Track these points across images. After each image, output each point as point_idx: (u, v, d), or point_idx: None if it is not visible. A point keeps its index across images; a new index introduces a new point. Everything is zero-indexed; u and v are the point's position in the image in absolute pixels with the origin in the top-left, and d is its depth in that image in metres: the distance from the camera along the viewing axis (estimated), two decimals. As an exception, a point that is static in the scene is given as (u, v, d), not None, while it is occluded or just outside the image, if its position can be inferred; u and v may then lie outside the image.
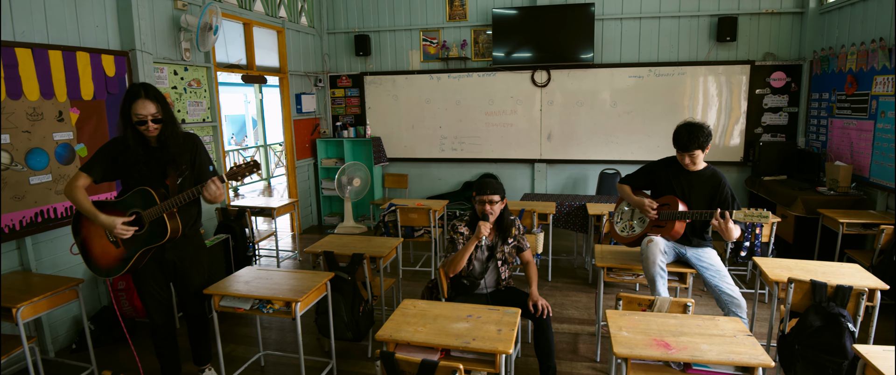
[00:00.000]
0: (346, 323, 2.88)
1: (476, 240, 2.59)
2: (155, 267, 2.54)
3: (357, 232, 6.10)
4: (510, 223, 2.80)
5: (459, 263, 2.63)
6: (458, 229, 2.75)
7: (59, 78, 3.29)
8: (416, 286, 4.35)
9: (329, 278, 2.72)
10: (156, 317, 2.60)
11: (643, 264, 2.75)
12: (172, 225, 2.40)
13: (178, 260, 2.56)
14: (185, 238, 2.50)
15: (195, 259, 2.62)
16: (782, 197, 4.76)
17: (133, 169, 2.39)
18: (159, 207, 2.36)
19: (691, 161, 2.77)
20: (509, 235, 2.78)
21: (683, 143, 2.74)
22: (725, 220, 2.61)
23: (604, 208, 4.21)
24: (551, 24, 5.77)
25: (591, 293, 4.13)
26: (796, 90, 5.58)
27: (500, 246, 2.77)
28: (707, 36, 5.69)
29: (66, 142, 3.34)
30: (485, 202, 2.65)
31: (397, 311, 2.24)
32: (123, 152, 2.39)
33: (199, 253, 2.66)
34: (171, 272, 2.58)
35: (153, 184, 2.41)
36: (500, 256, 2.77)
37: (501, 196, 2.69)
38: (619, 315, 2.19)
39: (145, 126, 2.33)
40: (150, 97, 2.34)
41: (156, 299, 2.58)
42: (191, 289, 2.61)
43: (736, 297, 2.70)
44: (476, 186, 2.70)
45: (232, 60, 5.10)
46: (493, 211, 2.65)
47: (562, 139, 6.12)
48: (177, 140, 2.42)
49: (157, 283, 2.57)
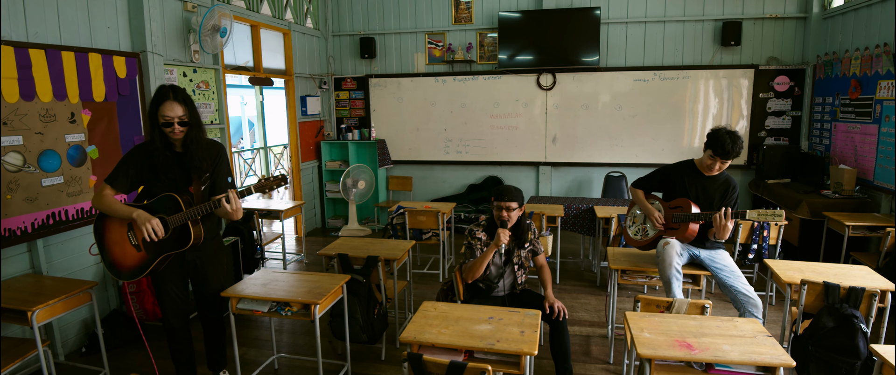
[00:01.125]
0: (361, 326, 2.88)
1: (495, 248, 2.61)
2: (175, 268, 2.53)
3: (361, 234, 6.10)
4: (526, 227, 2.82)
5: (478, 270, 2.64)
6: (475, 235, 2.77)
7: (72, 79, 3.28)
8: (425, 288, 4.35)
9: (346, 281, 2.72)
10: (173, 320, 2.59)
11: (659, 266, 2.76)
12: (196, 232, 2.39)
13: (199, 261, 2.56)
14: (206, 240, 2.50)
15: (216, 260, 2.62)
16: (787, 200, 4.79)
17: (158, 173, 2.39)
18: (184, 214, 2.35)
19: (720, 168, 2.78)
20: (526, 240, 2.80)
21: (726, 150, 2.71)
22: (726, 219, 2.62)
23: (612, 211, 4.23)
24: (557, 27, 5.80)
25: (600, 295, 4.14)
26: (799, 94, 5.63)
27: (516, 251, 2.79)
28: (711, 40, 5.73)
29: (77, 144, 3.34)
30: (502, 208, 2.66)
31: (418, 313, 2.25)
32: (148, 157, 2.39)
33: (219, 254, 2.65)
34: (191, 273, 2.58)
35: (177, 189, 2.40)
36: (516, 261, 2.79)
37: (519, 203, 2.70)
38: (639, 317, 2.20)
39: (171, 128, 2.33)
40: (179, 99, 2.34)
41: (174, 301, 2.57)
42: (210, 291, 2.60)
43: (752, 297, 2.72)
44: (495, 192, 2.72)
45: (239, 62, 5.10)
46: (510, 217, 2.67)
47: (566, 142, 6.14)
48: (200, 145, 2.41)
49: (176, 285, 2.56)
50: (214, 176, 2.51)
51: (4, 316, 2.64)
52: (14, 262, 3.05)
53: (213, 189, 2.50)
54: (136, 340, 3.49)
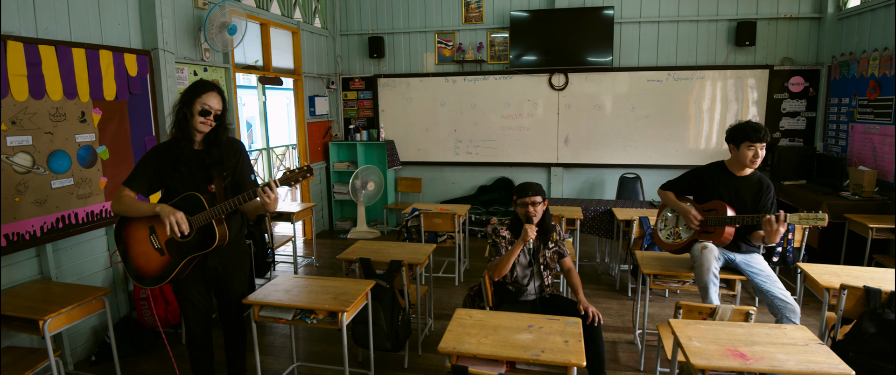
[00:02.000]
0: (385, 333, 2.78)
1: (523, 243, 2.55)
2: (197, 274, 2.43)
3: (370, 236, 6.00)
4: (551, 227, 2.77)
5: (505, 267, 2.59)
6: (499, 233, 2.71)
7: (82, 77, 3.17)
8: (441, 293, 4.26)
9: (371, 286, 2.62)
10: (195, 327, 2.49)
11: (696, 271, 2.68)
12: (220, 231, 2.30)
13: (221, 267, 2.45)
14: (230, 245, 2.40)
15: (238, 266, 2.52)
16: (805, 202, 4.72)
17: (180, 169, 2.31)
18: (208, 213, 2.26)
19: (757, 154, 2.69)
20: (550, 240, 2.74)
21: (753, 135, 2.66)
22: (779, 223, 2.55)
23: (632, 213, 4.15)
24: (569, 27, 5.73)
25: (621, 299, 4.06)
26: (814, 95, 5.57)
27: (542, 250, 2.72)
28: (725, 40, 5.67)
29: (88, 144, 3.22)
30: (528, 204, 2.62)
31: (453, 322, 2.15)
32: (167, 155, 2.32)
33: (242, 259, 2.55)
34: (213, 279, 2.48)
35: (197, 187, 2.32)
36: (542, 261, 2.72)
37: (543, 197, 2.66)
38: (684, 325, 2.12)
39: (207, 118, 2.28)
40: (220, 94, 2.32)
41: (196, 307, 2.47)
42: (231, 297, 2.50)
43: (789, 302, 2.64)
44: (517, 190, 2.67)
45: (249, 61, 4.99)
46: (536, 212, 2.62)
47: (579, 143, 6.07)
48: (223, 143, 2.34)
49: (198, 291, 2.46)
50: (237, 174, 2.43)
51: (13, 325, 2.53)
52: (22, 267, 2.93)
53: (235, 187, 2.43)
54: (147, 348, 3.39)
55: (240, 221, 2.51)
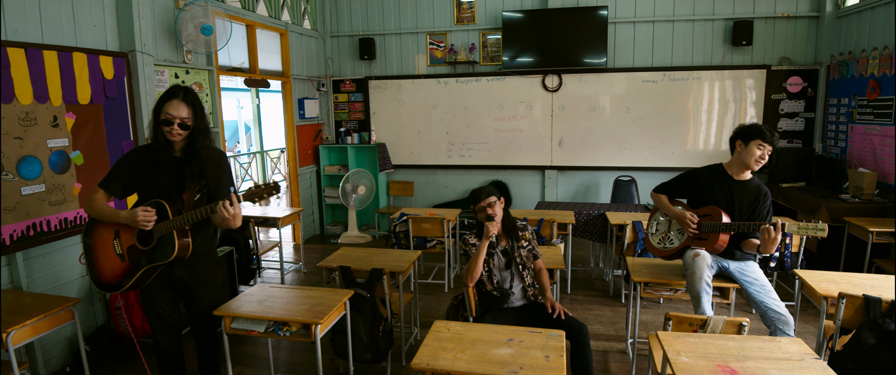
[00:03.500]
0: (365, 345, 2.68)
1: (487, 240, 2.57)
2: (163, 284, 2.33)
3: (361, 241, 5.89)
4: (521, 226, 2.77)
5: (476, 268, 2.58)
6: (469, 241, 2.72)
7: (54, 80, 3.07)
8: (430, 300, 4.15)
9: (349, 296, 2.51)
10: (161, 340, 2.38)
11: (688, 279, 2.57)
12: (181, 243, 2.19)
13: (188, 277, 2.34)
14: (196, 255, 2.30)
15: (207, 277, 2.40)
16: (804, 205, 4.61)
17: (152, 175, 2.22)
18: (170, 223, 2.16)
19: (764, 155, 2.60)
20: (523, 238, 2.73)
21: (766, 134, 2.59)
22: (776, 233, 2.44)
23: (626, 217, 4.04)
24: (562, 27, 5.62)
25: (614, 306, 3.95)
26: (813, 95, 5.46)
27: (517, 249, 2.68)
28: (722, 40, 5.56)
29: (61, 150, 3.12)
30: (484, 207, 2.64)
31: (430, 335, 2.05)
32: (146, 159, 2.23)
33: (211, 270, 2.44)
34: (180, 290, 2.37)
35: (169, 196, 2.22)
36: (519, 261, 2.68)
37: (497, 196, 2.69)
38: (672, 338, 2.01)
39: (170, 128, 2.16)
40: (187, 101, 2.19)
41: (162, 319, 2.37)
42: (201, 309, 2.39)
43: (783, 314, 2.53)
44: (471, 199, 2.74)
45: (234, 63, 4.90)
46: (495, 212, 2.64)
47: (573, 145, 5.96)
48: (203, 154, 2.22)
49: (165, 302, 2.36)
50: (213, 186, 2.31)
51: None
52: (-9, 277, 2.83)
53: (210, 199, 2.30)
54: (124, 358, 3.28)
55: (210, 232, 2.41)
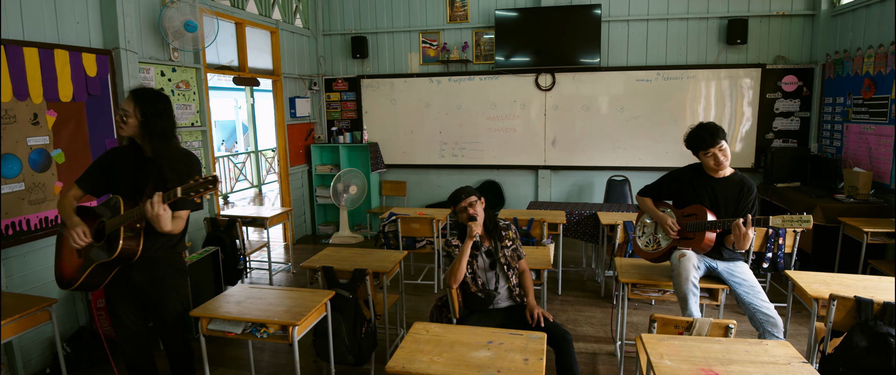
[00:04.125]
0: (347, 346, 2.63)
1: (470, 240, 2.52)
2: (124, 290, 2.25)
3: (353, 242, 5.85)
4: (505, 226, 2.72)
5: (459, 270, 2.53)
6: (451, 243, 2.67)
7: (35, 77, 3.03)
8: (419, 301, 4.10)
9: (329, 297, 2.47)
10: (127, 348, 2.31)
11: (674, 281, 2.52)
12: (126, 245, 2.08)
13: (148, 284, 2.24)
14: (153, 261, 2.21)
15: (167, 285, 2.28)
16: (798, 205, 4.56)
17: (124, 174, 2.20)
18: (119, 218, 2.08)
19: (722, 155, 2.55)
20: (507, 237, 2.68)
21: (707, 139, 2.55)
22: (747, 226, 2.40)
23: (617, 217, 4.00)
24: (556, 25, 5.58)
25: (605, 307, 3.90)
26: (808, 94, 5.42)
27: (501, 250, 2.64)
28: (716, 38, 5.52)
29: (41, 148, 3.08)
30: (465, 208, 2.60)
31: (408, 337, 2.00)
32: (121, 156, 2.22)
33: (174, 278, 2.32)
34: (141, 297, 2.28)
35: (133, 194, 2.16)
36: (503, 261, 2.63)
37: (477, 196, 2.65)
38: (656, 341, 1.96)
39: (119, 122, 2.16)
40: (134, 97, 2.16)
41: (127, 327, 2.30)
42: (165, 320, 2.30)
43: (772, 316, 2.48)
44: (451, 201, 2.69)
45: (223, 61, 4.85)
46: (476, 211, 2.59)
47: (567, 145, 5.91)
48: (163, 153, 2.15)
49: (128, 309, 2.28)
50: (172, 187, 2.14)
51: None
52: (-33, 277, 2.78)
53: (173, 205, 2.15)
54: (105, 360, 3.22)
55: (175, 237, 2.29)
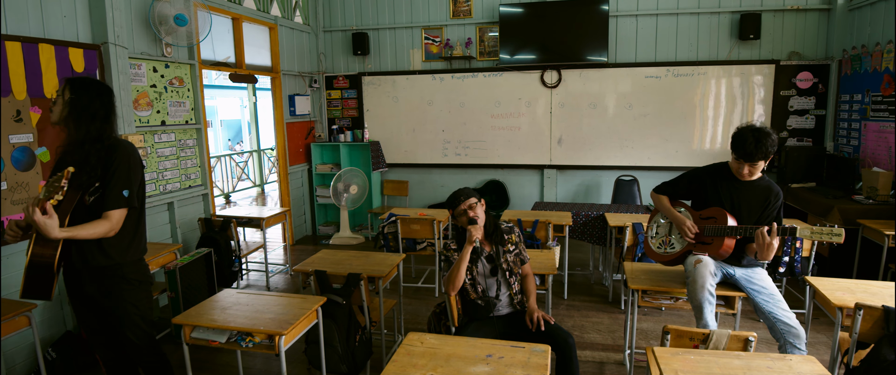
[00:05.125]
0: (339, 355, 2.49)
1: (470, 245, 2.36)
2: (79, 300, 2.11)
3: (354, 242, 5.71)
4: (507, 229, 2.55)
5: (458, 276, 2.37)
6: (450, 247, 2.51)
7: (18, 72, 2.91)
8: (419, 305, 3.96)
9: (320, 304, 2.33)
10: (100, 352, 2.19)
11: (689, 288, 2.36)
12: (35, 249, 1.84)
13: (99, 296, 2.04)
14: (100, 270, 2.01)
15: (122, 298, 2.06)
16: (814, 206, 4.38)
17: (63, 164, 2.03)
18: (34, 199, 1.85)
19: (751, 172, 2.38)
20: (510, 241, 2.51)
21: (749, 152, 2.32)
22: (771, 236, 2.25)
23: (625, 219, 3.83)
24: (562, 21, 5.42)
25: (613, 313, 3.74)
26: (824, 91, 5.23)
27: (502, 255, 2.47)
28: (728, 34, 5.33)
29: (24, 146, 2.96)
30: (464, 210, 2.43)
31: (401, 349, 1.85)
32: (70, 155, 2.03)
33: (128, 290, 2.07)
34: (97, 310, 2.10)
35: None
36: (505, 266, 2.46)
37: (478, 197, 2.48)
38: (670, 355, 1.80)
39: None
40: (67, 79, 2.04)
41: (92, 331, 2.17)
42: (126, 336, 2.09)
43: (794, 326, 2.32)
44: (448, 205, 2.52)
45: (219, 58, 4.72)
46: (477, 213, 2.42)
47: (573, 143, 5.75)
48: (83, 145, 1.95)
49: (90, 319, 2.13)
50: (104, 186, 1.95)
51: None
52: (-54, 281, 2.67)
53: (99, 202, 1.95)
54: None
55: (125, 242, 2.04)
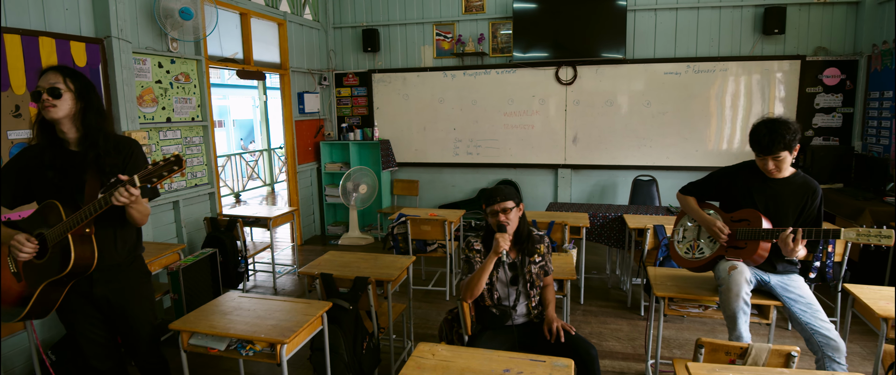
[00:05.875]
0: (346, 363, 2.36)
1: (495, 256, 2.17)
2: (84, 304, 1.97)
3: (363, 243, 5.60)
4: (537, 238, 2.36)
5: (477, 285, 2.20)
6: (473, 247, 2.34)
7: (17, 66, 2.82)
8: (429, 309, 3.82)
9: (325, 309, 2.20)
10: (95, 363, 2.03)
11: (723, 296, 2.20)
12: (79, 252, 1.79)
13: (112, 295, 1.97)
14: (117, 268, 1.96)
15: (137, 292, 2.03)
16: (844, 209, 4.18)
17: (45, 176, 1.84)
18: (63, 225, 1.77)
19: (776, 166, 2.22)
20: (537, 252, 2.33)
21: (765, 144, 2.19)
22: (796, 243, 2.09)
23: (645, 220, 3.67)
24: (577, 16, 5.25)
25: (632, 319, 3.57)
26: (852, 88, 5.01)
27: (527, 265, 2.30)
28: (751, 28, 5.13)
29: (23, 142, 2.87)
30: (498, 212, 2.24)
31: (411, 362, 1.71)
32: (38, 157, 1.86)
33: (142, 284, 2.07)
34: (106, 311, 2.00)
35: (71, 198, 1.85)
36: (528, 277, 2.30)
37: (516, 202, 2.29)
38: (706, 371, 1.65)
39: (41, 101, 1.80)
40: (59, 68, 1.84)
41: (93, 342, 2.02)
42: (135, 331, 2.03)
43: (833, 339, 2.14)
44: (485, 197, 2.32)
45: (227, 54, 4.63)
46: (509, 219, 2.24)
47: (589, 142, 5.58)
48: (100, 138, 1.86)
49: (90, 322, 1.99)
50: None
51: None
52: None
53: None
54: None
55: (134, 237, 2.04)
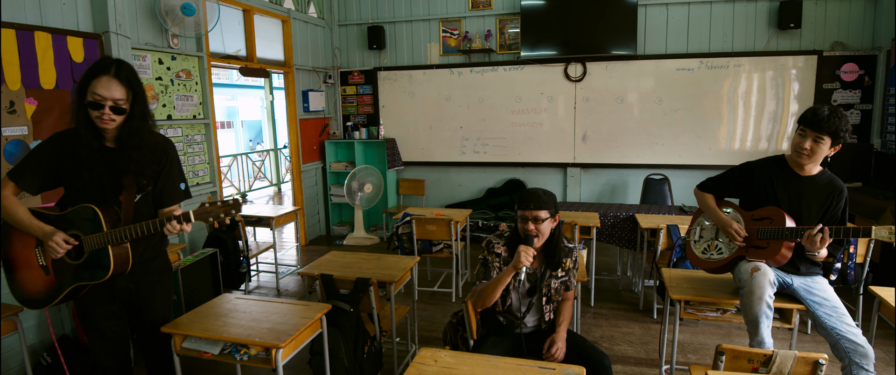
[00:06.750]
0: (346, 368, 2.26)
1: (513, 270, 1.91)
2: (104, 295, 1.97)
3: (368, 243, 5.51)
4: (566, 251, 2.13)
5: (490, 297, 1.99)
6: (494, 249, 2.10)
7: (12, 61, 2.76)
8: (434, 310, 3.72)
9: (324, 312, 2.11)
10: (103, 359, 2.02)
11: (744, 300, 2.08)
12: (119, 259, 1.84)
13: (134, 287, 2.01)
14: (142, 263, 1.97)
15: (157, 285, 2.07)
16: (863, 208, 4.04)
17: (80, 170, 1.83)
18: (105, 236, 1.79)
19: (811, 149, 2.06)
20: (562, 267, 2.12)
21: (818, 118, 2.01)
22: (822, 241, 1.97)
23: (658, 220, 3.55)
24: (587, 11, 5.13)
25: (644, 322, 3.45)
26: (870, 84, 4.85)
27: (547, 278, 2.10)
28: (766, 23, 4.99)
29: (18, 139, 2.81)
30: (528, 219, 1.99)
31: (412, 368, 1.62)
32: (71, 149, 1.82)
33: (163, 279, 2.12)
34: (125, 301, 2.03)
35: (102, 197, 1.85)
36: (545, 292, 2.11)
37: (551, 212, 2.02)
38: (728, 380, 1.53)
39: (100, 113, 1.74)
40: (120, 78, 1.76)
41: (105, 337, 2.01)
42: (149, 323, 2.05)
43: (860, 344, 2.01)
44: (519, 198, 2.04)
45: (229, 51, 4.56)
46: (539, 230, 1.99)
47: (598, 141, 5.46)
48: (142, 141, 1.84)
49: (107, 317, 1.99)
50: (161, 183, 1.95)
51: None
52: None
53: (157, 200, 1.97)
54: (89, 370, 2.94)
55: (158, 240, 2.07)
